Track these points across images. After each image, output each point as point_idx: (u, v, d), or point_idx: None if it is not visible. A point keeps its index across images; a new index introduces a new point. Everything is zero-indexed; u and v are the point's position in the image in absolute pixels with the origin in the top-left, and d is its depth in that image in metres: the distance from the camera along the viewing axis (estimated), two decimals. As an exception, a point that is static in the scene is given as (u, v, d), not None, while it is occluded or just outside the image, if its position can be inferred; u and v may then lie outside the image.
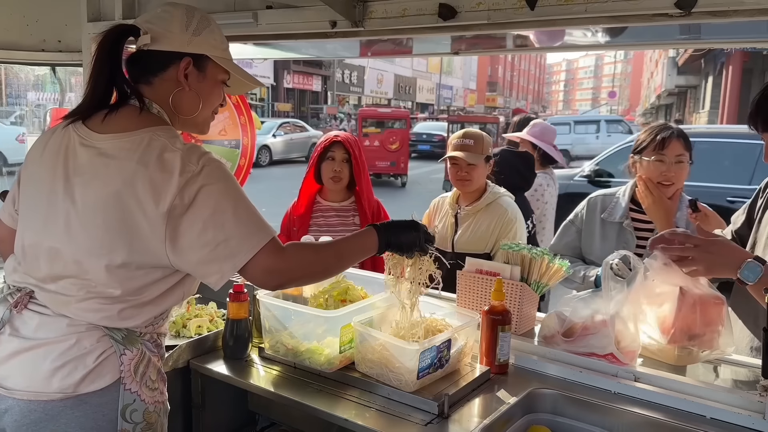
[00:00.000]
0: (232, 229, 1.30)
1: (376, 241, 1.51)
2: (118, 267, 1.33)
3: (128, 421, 1.35)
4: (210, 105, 1.52)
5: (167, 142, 1.34)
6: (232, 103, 3.65)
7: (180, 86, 1.44)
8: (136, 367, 1.37)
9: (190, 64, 1.43)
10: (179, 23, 1.43)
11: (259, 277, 1.35)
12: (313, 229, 2.71)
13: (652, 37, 2.26)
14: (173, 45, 1.42)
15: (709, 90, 26.40)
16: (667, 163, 2.27)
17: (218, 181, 1.33)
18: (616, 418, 1.54)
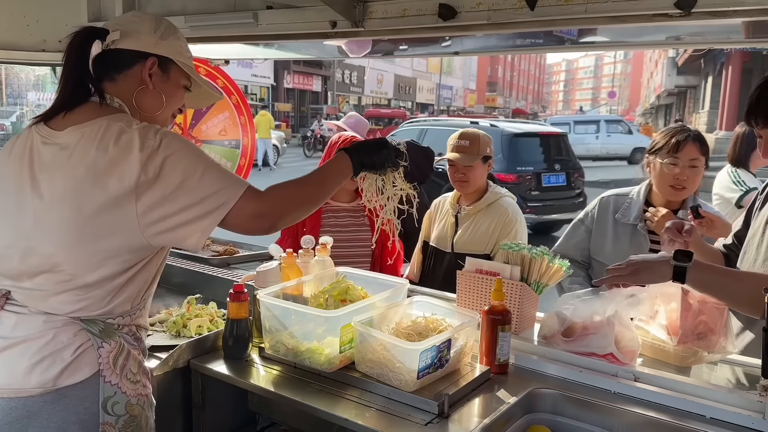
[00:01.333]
0: (206, 188, 1.35)
1: (349, 163, 1.57)
2: (90, 254, 1.35)
3: (110, 414, 1.37)
4: (171, 106, 1.57)
5: (123, 125, 1.38)
6: (233, 103, 3.65)
7: (143, 84, 1.49)
8: (115, 360, 1.39)
9: (155, 64, 1.50)
10: (148, 26, 1.50)
11: (247, 223, 1.39)
12: (325, 230, 2.68)
13: (652, 37, 2.26)
14: (141, 45, 1.48)
15: (709, 90, 26.42)
16: (680, 166, 2.23)
17: (180, 149, 1.37)
18: (616, 418, 1.54)
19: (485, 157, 2.72)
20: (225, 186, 1.36)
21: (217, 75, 3.57)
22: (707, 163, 2.29)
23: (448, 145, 2.79)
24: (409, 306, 1.88)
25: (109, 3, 2.80)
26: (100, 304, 1.39)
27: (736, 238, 1.96)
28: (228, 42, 2.81)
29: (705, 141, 2.29)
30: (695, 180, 2.27)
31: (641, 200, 2.38)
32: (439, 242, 2.79)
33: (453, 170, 2.73)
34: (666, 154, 2.26)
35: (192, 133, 3.52)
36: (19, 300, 1.38)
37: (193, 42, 2.80)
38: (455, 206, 2.80)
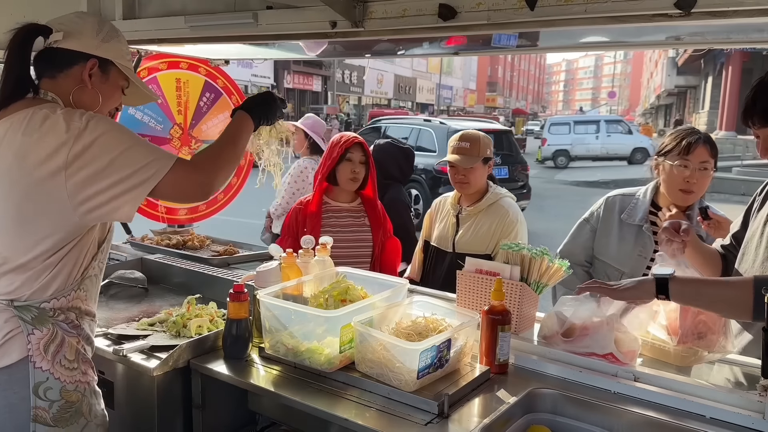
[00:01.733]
0: (136, 162, 1.42)
1: (250, 120, 1.72)
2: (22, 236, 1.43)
3: (42, 399, 1.43)
4: (107, 105, 1.64)
5: (48, 111, 1.44)
6: (233, 104, 3.65)
7: (82, 84, 1.55)
8: (47, 346, 1.45)
9: (95, 66, 1.56)
10: (91, 28, 1.57)
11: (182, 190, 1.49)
12: (326, 229, 2.68)
13: (652, 37, 2.26)
14: (83, 46, 1.54)
15: (709, 90, 26.43)
16: (690, 168, 2.21)
17: (107, 130, 1.44)
18: (616, 417, 1.54)
19: (485, 159, 2.72)
20: (154, 159, 1.44)
21: (217, 75, 3.57)
22: (716, 165, 2.26)
23: (448, 146, 2.79)
24: (409, 306, 1.88)
25: (109, 3, 2.80)
26: (32, 285, 1.45)
27: (734, 238, 1.96)
28: (228, 42, 2.81)
29: (714, 143, 2.26)
30: (705, 182, 2.24)
31: (647, 201, 2.37)
32: (440, 242, 2.80)
33: (453, 172, 2.73)
34: (676, 156, 2.23)
35: (192, 133, 3.52)
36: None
37: (193, 42, 2.82)
38: (456, 206, 2.81)
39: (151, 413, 1.75)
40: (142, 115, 3.36)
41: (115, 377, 1.83)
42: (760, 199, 1.89)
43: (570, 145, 22.91)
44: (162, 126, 3.43)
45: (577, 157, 23.08)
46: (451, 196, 2.90)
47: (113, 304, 2.34)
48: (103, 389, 1.83)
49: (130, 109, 3.29)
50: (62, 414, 1.45)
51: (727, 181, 14.03)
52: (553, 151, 22.84)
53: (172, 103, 3.45)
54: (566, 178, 18.54)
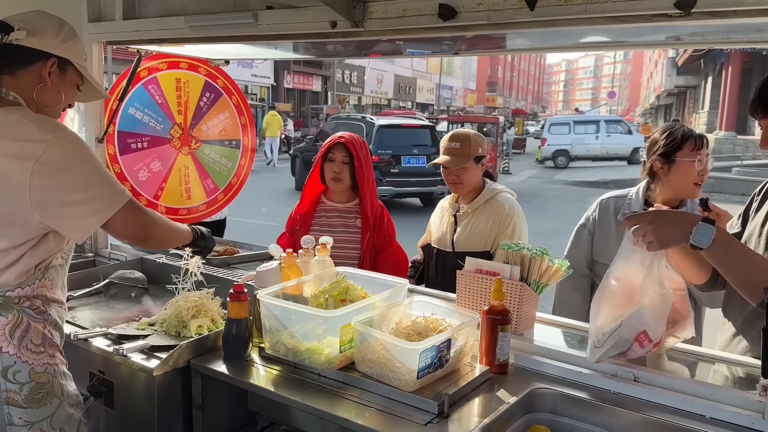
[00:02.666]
0: (94, 189, 1.51)
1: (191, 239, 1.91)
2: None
3: (12, 381, 1.50)
4: (66, 102, 1.71)
5: (19, 116, 1.51)
6: (233, 104, 3.65)
7: (42, 82, 1.61)
8: (12, 332, 1.51)
9: (55, 65, 1.62)
10: (52, 28, 1.62)
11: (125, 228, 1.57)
12: (314, 229, 2.70)
13: (652, 37, 2.26)
14: (44, 45, 1.60)
15: (709, 90, 26.43)
16: (703, 162, 2.27)
17: (74, 146, 1.53)
18: (616, 418, 1.54)
19: (477, 158, 2.70)
20: (112, 190, 1.54)
21: (217, 75, 3.56)
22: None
23: (441, 147, 2.79)
24: (409, 306, 1.88)
25: (109, 3, 2.80)
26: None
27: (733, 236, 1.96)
28: (228, 42, 2.81)
29: None
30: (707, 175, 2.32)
31: (641, 200, 2.39)
32: (440, 243, 2.80)
33: (446, 173, 2.73)
34: (691, 152, 2.27)
35: (192, 133, 3.52)
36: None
37: (193, 42, 2.82)
38: (453, 206, 2.81)
39: (151, 413, 1.75)
40: (142, 115, 3.36)
41: (115, 377, 1.83)
42: (759, 199, 1.88)
43: (570, 145, 22.92)
44: (162, 126, 3.43)
45: (577, 157, 23.09)
46: (449, 197, 2.90)
47: (113, 304, 2.34)
48: (103, 389, 1.83)
49: (130, 109, 3.29)
50: (34, 395, 1.51)
51: (727, 181, 14.04)
52: (552, 151, 22.84)
53: (172, 103, 3.45)
54: (566, 178, 18.56)
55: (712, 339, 2.07)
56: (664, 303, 1.64)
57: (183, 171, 3.54)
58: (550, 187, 16.43)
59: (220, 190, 3.67)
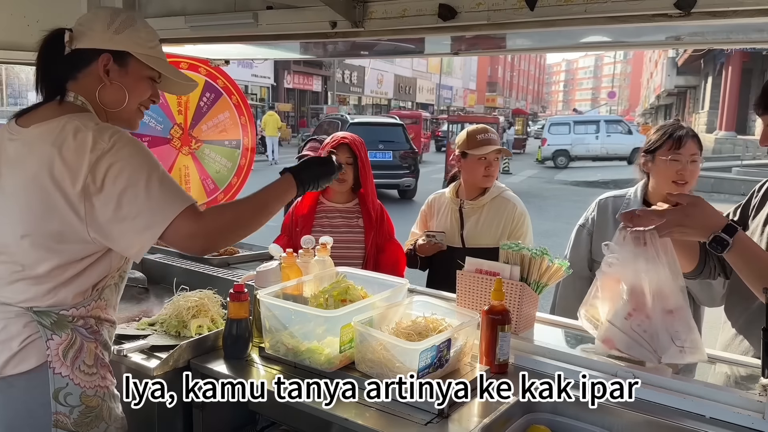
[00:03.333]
0: (145, 202, 1.37)
1: (293, 183, 1.61)
2: (41, 246, 1.40)
3: (63, 404, 1.41)
4: (135, 99, 1.57)
5: (80, 124, 1.41)
6: (233, 104, 3.65)
7: (103, 82, 1.51)
8: (65, 352, 1.43)
9: (109, 61, 1.51)
10: (102, 22, 1.52)
11: (181, 242, 1.42)
12: (316, 230, 2.69)
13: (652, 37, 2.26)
14: (94, 42, 1.50)
15: (709, 90, 26.43)
16: (682, 162, 2.26)
17: (130, 156, 1.40)
18: (616, 418, 1.54)
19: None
20: (165, 202, 1.39)
21: (217, 75, 3.57)
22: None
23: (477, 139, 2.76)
24: (409, 306, 1.88)
25: (108, 3, 2.80)
26: (49, 294, 1.42)
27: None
28: (228, 42, 2.81)
29: (699, 137, 2.34)
30: (695, 175, 2.30)
31: (639, 199, 2.40)
32: (447, 239, 2.78)
33: (485, 164, 2.73)
34: (668, 151, 2.28)
35: (192, 133, 3.53)
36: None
37: (193, 42, 2.81)
38: (456, 201, 2.81)
39: (151, 413, 1.75)
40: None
41: (115, 377, 1.83)
42: (759, 196, 1.88)
43: (570, 145, 22.92)
44: (162, 126, 3.43)
45: (577, 157, 23.09)
46: (447, 191, 2.90)
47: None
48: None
49: (130, 109, 3.29)
50: (83, 419, 1.43)
51: (727, 181, 14.04)
52: (553, 151, 22.84)
53: (172, 103, 3.45)
54: (566, 178, 18.56)
55: (713, 339, 2.07)
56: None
57: (183, 171, 3.54)
58: (550, 187, 16.43)
59: (220, 190, 3.68)
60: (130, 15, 1.57)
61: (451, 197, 2.83)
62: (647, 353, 1.65)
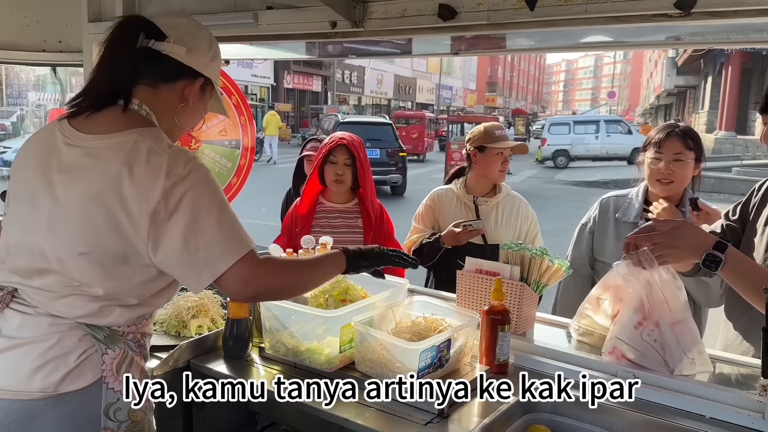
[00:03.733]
0: (212, 237, 1.31)
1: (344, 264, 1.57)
2: (99, 265, 1.33)
3: (113, 420, 1.35)
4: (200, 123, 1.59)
5: (153, 144, 1.33)
6: (233, 104, 3.65)
7: (184, 101, 1.46)
8: (119, 367, 1.37)
9: (201, 84, 1.47)
10: (206, 44, 1.47)
11: (235, 287, 1.35)
12: (315, 230, 2.69)
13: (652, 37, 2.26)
14: (197, 63, 1.44)
15: (709, 90, 26.43)
16: (663, 161, 2.28)
17: (204, 186, 1.33)
18: (616, 418, 1.54)
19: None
20: (231, 242, 1.33)
21: (217, 75, 3.56)
22: (700, 157, 2.31)
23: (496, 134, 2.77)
24: (409, 306, 1.88)
25: (109, 3, 2.80)
26: (105, 313, 1.36)
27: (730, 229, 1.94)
28: (228, 42, 2.81)
29: (694, 136, 2.32)
30: (682, 173, 2.29)
31: (641, 199, 2.41)
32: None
33: (501, 160, 2.77)
34: (651, 150, 2.32)
35: (192, 133, 3.52)
36: (26, 299, 1.35)
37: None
38: (468, 197, 2.81)
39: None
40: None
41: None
42: (759, 196, 1.88)
43: (570, 145, 22.92)
44: (162, 126, 3.43)
45: (576, 157, 23.09)
46: (454, 188, 2.86)
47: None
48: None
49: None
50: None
51: (727, 181, 14.02)
52: (552, 151, 22.84)
53: (172, 103, 3.45)
54: (566, 178, 18.55)
55: (713, 339, 2.07)
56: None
57: (183, 171, 3.54)
58: (550, 187, 16.42)
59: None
60: (216, 43, 1.52)
61: (461, 193, 2.82)
62: (658, 364, 1.65)
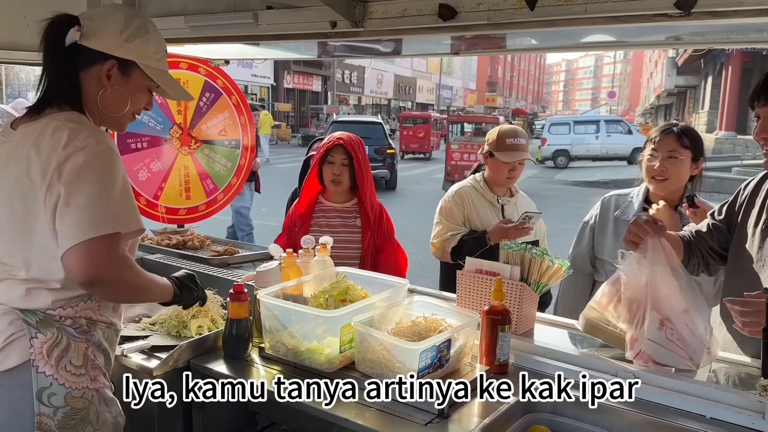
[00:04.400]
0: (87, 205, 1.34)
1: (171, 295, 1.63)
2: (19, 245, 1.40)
3: (47, 405, 1.39)
4: (133, 107, 1.58)
5: (60, 123, 1.40)
6: (232, 103, 3.65)
7: (103, 86, 1.50)
8: (50, 351, 1.40)
9: (114, 67, 1.49)
10: (115, 26, 1.49)
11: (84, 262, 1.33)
12: (314, 229, 2.69)
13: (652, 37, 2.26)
14: (103, 46, 1.48)
15: (709, 90, 26.41)
16: (657, 158, 2.31)
17: (97, 159, 1.37)
18: (616, 418, 1.54)
19: None
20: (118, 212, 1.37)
21: (217, 75, 3.57)
22: (698, 157, 2.33)
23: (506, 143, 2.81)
24: (409, 306, 1.88)
25: (108, 3, 2.80)
26: (33, 296, 1.42)
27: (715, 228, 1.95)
28: (228, 42, 2.81)
29: (692, 135, 2.33)
30: (677, 171, 2.30)
31: (641, 198, 2.44)
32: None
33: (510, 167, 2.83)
34: (648, 148, 2.36)
35: (192, 133, 3.52)
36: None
37: (193, 42, 2.81)
38: (491, 196, 2.87)
39: (151, 413, 1.75)
40: (141, 114, 3.36)
41: (115, 377, 1.83)
42: (746, 196, 1.89)
43: (570, 145, 22.92)
44: (162, 126, 3.43)
45: (577, 157, 23.08)
46: (476, 184, 2.89)
47: (113, 304, 2.33)
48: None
49: (130, 109, 3.29)
50: (67, 421, 1.40)
51: (727, 181, 14.01)
52: (553, 151, 22.84)
53: (172, 103, 3.45)
54: (566, 178, 18.54)
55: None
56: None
57: (183, 171, 3.54)
58: (550, 187, 16.41)
59: (220, 190, 3.67)
60: (143, 23, 1.53)
61: (484, 190, 2.87)
62: (684, 360, 1.65)
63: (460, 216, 2.82)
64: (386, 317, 1.77)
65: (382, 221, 2.76)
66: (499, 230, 2.65)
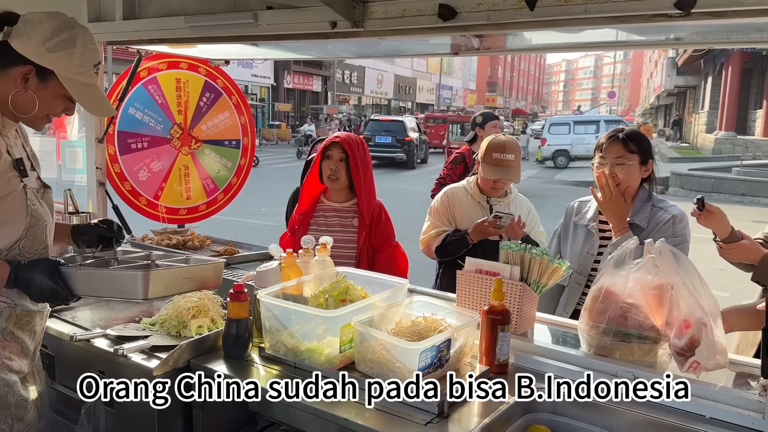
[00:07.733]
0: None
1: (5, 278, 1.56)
2: None
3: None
4: (44, 111, 1.61)
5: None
6: (233, 104, 3.65)
7: (18, 88, 1.54)
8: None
9: (31, 72, 1.54)
10: (41, 34, 1.52)
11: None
12: (312, 229, 2.70)
13: (652, 37, 2.27)
14: (24, 50, 1.52)
15: (709, 90, 26.41)
16: (605, 164, 2.33)
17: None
18: (616, 417, 1.54)
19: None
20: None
21: (217, 75, 3.57)
22: (646, 159, 2.34)
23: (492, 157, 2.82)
24: (409, 306, 1.88)
25: (109, 3, 2.80)
26: None
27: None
28: (228, 42, 2.81)
29: (638, 139, 2.35)
30: (627, 176, 2.31)
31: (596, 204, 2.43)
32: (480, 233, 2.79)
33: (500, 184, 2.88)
34: (596, 155, 2.39)
35: (192, 133, 3.52)
36: None
37: (192, 42, 2.82)
38: (481, 196, 2.91)
39: (151, 413, 1.75)
40: (142, 115, 3.36)
41: (116, 377, 1.83)
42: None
43: (570, 145, 22.92)
44: (162, 126, 3.43)
45: (577, 157, 23.08)
46: (467, 186, 2.97)
47: (113, 305, 2.33)
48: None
49: (130, 109, 3.29)
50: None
51: (727, 181, 14.00)
52: (553, 151, 22.85)
53: (172, 103, 3.45)
54: (566, 178, 18.53)
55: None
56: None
57: (183, 171, 3.54)
58: (550, 187, 16.41)
59: (220, 190, 3.68)
60: (72, 36, 1.55)
61: (475, 192, 2.93)
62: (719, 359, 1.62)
63: (446, 216, 2.95)
64: (386, 317, 1.77)
65: (380, 222, 2.76)
66: (477, 229, 2.76)
